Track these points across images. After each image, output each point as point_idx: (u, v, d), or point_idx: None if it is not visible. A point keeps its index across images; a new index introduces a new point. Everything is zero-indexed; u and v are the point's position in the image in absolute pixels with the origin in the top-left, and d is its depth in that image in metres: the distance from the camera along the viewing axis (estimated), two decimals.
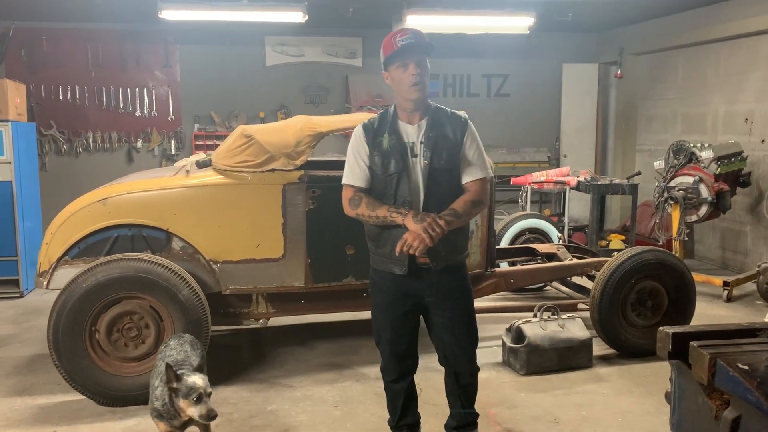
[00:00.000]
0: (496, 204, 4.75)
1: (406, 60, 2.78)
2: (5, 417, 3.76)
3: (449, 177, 2.85)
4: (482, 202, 2.88)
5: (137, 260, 3.81)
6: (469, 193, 2.85)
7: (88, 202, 4.03)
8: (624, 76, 9.03)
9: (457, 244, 2.93)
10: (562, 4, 7.33)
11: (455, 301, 2.95)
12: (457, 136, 2.85)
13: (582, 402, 3.95)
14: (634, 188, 6.85)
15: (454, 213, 2.78)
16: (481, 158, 2.90)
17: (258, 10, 6.84)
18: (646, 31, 8.51)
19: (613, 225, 8.98)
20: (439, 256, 2.81)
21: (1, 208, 6.17)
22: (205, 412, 2.77)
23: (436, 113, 2.90)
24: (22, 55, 8.34)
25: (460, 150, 2.85)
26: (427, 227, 2.67)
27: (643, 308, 4.65)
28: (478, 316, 5.23)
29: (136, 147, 8.73)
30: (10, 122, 6.18)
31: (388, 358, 3.05)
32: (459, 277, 2.98)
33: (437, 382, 4.20)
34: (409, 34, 2.81)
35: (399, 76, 2.81)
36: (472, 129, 2.91)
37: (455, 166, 2.85)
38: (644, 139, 8.93)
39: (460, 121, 2.92)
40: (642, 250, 4.66)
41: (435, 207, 2.79)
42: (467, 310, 3.02)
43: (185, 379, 2.82)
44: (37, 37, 8.35)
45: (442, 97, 9.39)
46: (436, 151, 2.81)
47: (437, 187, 2.82)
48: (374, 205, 2.84)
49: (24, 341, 5.07)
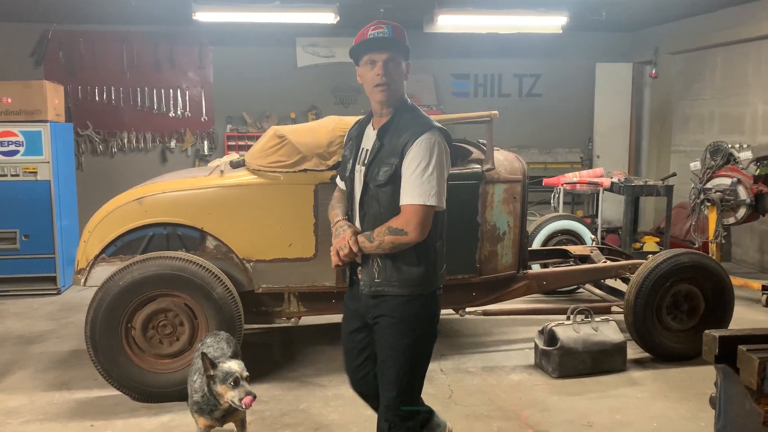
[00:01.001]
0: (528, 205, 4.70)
1: (373, 56, 2.42)
2: (44, 411, 3.84)
3: (387, 194, 2.43)
4: (403, 231, 2.36)
5: (172, 258, 3.87)
6: (394, 219, 2.40)
7: (124, 201, 4.10)
8: (659, 75, 8.88)
9: (400, 276, 2.45)
10: (595, 3, 7.25)
11: (381, 333, 2.52)
12: (398, 150, 2.40)
13: (616, 406, 3.89)
14: (669, 190, 6.73)
15: (369, 235, 2.42)
16: (420, 181, 2.36)
17: (290, 11, 6.89)
18: (682, 30, 8.36)
19: (646, 227, 8.85)
20: (370, 279, 2.49)
21: (39, 207, 6.31)
22: (244, 394, 2.80)
23: (396, 118, 2.47)
24: (60, 57, 8.52)
25: (399, 167, 2.40)
26: (336, 244, 2.47)
27: (679, 312, 4.57)
28: (509, 318, 5.30)
29: (169, 147, 8.86)
30: (48, 123, 6.31)
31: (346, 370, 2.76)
32: (390, 310, 2.47)
33: (469, 383, 4.19)
34: (383, 28, 2.43)
35: (366, 75, 2.46)
36: (420, 144, 2.37)
37: (393, 183, 2.42)
38: (679, 139, 8.77)
39: (413, 130, 2.41)
40: (678, 252, 4.58)
41: (370, 224, 2.46)
42: (393, 348, 2.50)
43: (221, 366, 2.87)
44: (75, 40, 8.53)
45: (472, 97, 9.36)
46: (374, 163, 2.45)
47: (372, 204, 2.47)
48: (331, 208, 2.68)
49: (61, 337, 5.17)
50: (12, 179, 6.24)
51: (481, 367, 4.48)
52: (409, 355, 2.51)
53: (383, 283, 2.46)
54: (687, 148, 8.50)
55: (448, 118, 4.82)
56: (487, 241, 4.39)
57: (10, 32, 8.36)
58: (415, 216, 2.37)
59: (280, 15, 6.97)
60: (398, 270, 2.45)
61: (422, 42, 8.84)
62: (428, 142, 2.38)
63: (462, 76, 9.36)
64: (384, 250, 2.41)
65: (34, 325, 5.49)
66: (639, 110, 9.61)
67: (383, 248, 2.40)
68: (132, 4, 6.83)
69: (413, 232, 2.37)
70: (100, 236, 4.04)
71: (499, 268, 4.49)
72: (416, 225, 2.37)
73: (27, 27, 8.38)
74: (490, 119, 4.44)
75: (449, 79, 9.32)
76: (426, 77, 9.12)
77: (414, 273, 2.46)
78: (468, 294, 4.50)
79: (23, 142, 6.25)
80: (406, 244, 2.39)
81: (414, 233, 2.37)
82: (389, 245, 2.39)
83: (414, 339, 2.50)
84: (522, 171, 4.57)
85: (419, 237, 2.39)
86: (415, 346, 2.52)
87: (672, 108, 8.85)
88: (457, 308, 4.58)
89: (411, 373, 2.54)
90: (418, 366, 2.56)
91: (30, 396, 4.04)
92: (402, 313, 2.47)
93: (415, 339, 2.51)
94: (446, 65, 9.25)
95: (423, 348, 2.56)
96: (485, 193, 4.34)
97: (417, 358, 2.54)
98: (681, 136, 8.74)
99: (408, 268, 2.45)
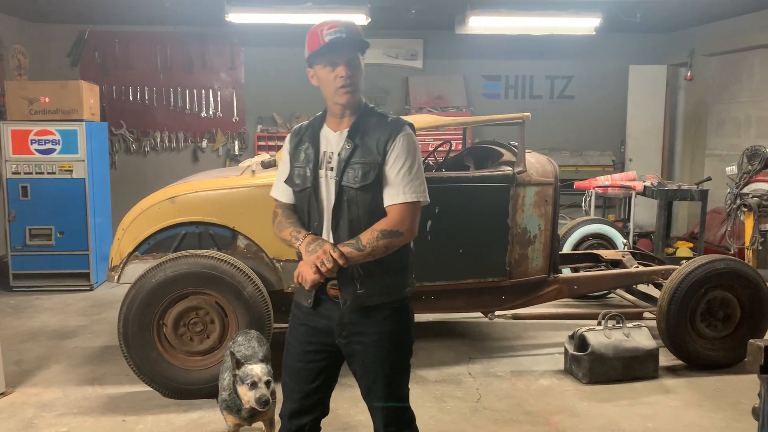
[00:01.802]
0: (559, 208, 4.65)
1: (333, 57, 2.29)
2: (78, 405, 3.91)
3: (366, 198, 2.28)
4: (398, 233, 2.25)
5: (204, 257, 3.91)
6: (384, 221, 2.26)
7: (157, 199, 4.15)
8: (694, 77, 8.73)
9: (385, 283, 2.33)
10: (630, 4, 7.14)
11: (367, 350, 2.34)
12: (380, 149, 2.28)
13: (648, 413, 3.82)
14: (703, 194, 6.60)
15: (357, 245, 2.22)
16: (409, 178, 2.28)
17: (321, 12, 6.91)
18: (718, 31, 8.20)
19: (679, 232, 8.70)
20: (351, 291, 2.29)
21: (74, 205, 6.44)
22: (258, 396, 2.82)
23: (363, 118, 2.35)
24: (96, 57, 8.68)
25: (381, 166, 2.28)
26: (316, 260, 2.20)
27: (714, 319, 4.47)
28: (539, 323, 5.25)
29: (201, 147, 8.96)
30: (84, 122, 6.43)
31: (285, 403, 2.49)
32: (378, 323, 2.33)
33: (497, 388, 4.15)
34: (339, 27, 2.28)
35: (325, 77, 2.33)
36: (401, 141, 2.29)
37: (374, 184, 2.28)
38: (715, 143, 8.60)
39: (391, 129, 2.31)
40: (714, 258, 4.49)
41: (346, 233, 2.28)
42: (383, 362, 2.36)
43: (244, 367, 2.91)
44: (110, 40, 8.68)
45: (503, 99, 9.30)
46: (350, 165, 2.28)
47: (350, 209, 2.29)
48: (282, 226, 2.40)
49: (94, 332, 5.26)
50: (48, 177, 6.38)
51: (510, 371, 4.44)
52: (401, 367, 2.43)
53: (366, 294, 2.30)
54: (722, 152, 8.33)
55: (479, 119, 4.80)
56: (517, 244, 4.36)
57: (48, 33, 8.54)
58: (408, 215, 2.28)
59: (312, 16, 6.99)
60: (381, 278, 2.32)
61: (453, 43, 8.83)
62: (409, 138, 2.31)
63: (493, 78, 9.30)
64: (374, 256, 2.24)
65: (68, 320, 5.60)
66: (673, 113, 9.45)
67: (375, 254, 2.24)
68: (166, 5, 6.92)
69: (408, 232, 2.29)
70: (133, 234, 4.10)
71: (530, 271, 4.44)
72: (411, 224, 2.29)
73: (64, 28, 8.56)
74: (522, 121, 4.40)
75: (480, 80, 9.27)
76: (456, 78, 9.08)
77: (398, 278, 2.37)
78: (497, 297, 4.47)
79: (60, 141, 6.38)
80: (399, 246, 2.29)
81: (408, 233, 2.29)
82: (382, 250, 2.25)
83: (402, 351, 2.42)
84: (554, 174, 4.52)
85: (412, 237, 2.32)
86: (404, 357, 2.44)
87: (707, 111, 8.68)
88: (486, 312, 4.55)
89: (402, 385, 2.47)
90: (406, 377, 2.49)
91: (64, 390, 4.12)
92: (389, 326, 2.35)
93: (404, 350, 2.43)
94: (477, 66, 9.21)
95: (409, 357, 2.48)
96: (516, 196, 4.30)
97: (406, 369, 2.47)
98: (716, 139, 8.57)
99: (391, 273, 2.35)
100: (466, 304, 4.51)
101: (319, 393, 2.46)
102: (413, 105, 8.75)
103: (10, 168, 6.35)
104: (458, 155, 5.16)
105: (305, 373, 2.42)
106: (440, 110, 8.51)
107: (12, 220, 6.39)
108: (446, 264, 4.29)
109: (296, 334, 2.44)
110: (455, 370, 4.43)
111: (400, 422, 2.46)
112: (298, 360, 2.43)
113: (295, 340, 2.44)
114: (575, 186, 7.37)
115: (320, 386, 2.45)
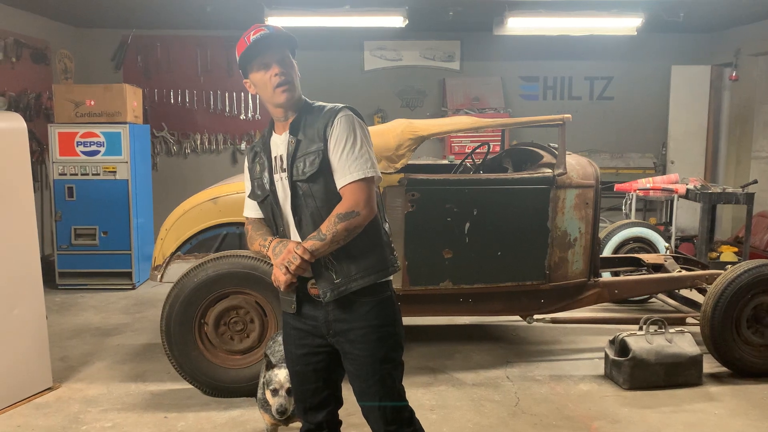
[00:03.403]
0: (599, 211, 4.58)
1: (264, 58, 2.30)
2: (121, 401, 4.00)
3: (319, 188, 2.28)
4: (354, 213, 2.22)
5: (245, 257, 3.95)
6: (339, 205, 2.24)
7: (200, 200, 4.22)
8: (740, 78, 8.50)
9: (360, 266, 2.29)
10: (673, 4, 7.00)
11: (354, 346, 2.33)
12: (320, 135, 2.28)
13: (691, 421, 3.74)
14: (749, 198, 6.43)
15: (318, 235, 2.22)
16: (353, 155, 2.26)
17: (359, 15, 6.95)
18: (766, 30, 7.98)
19: (723, 236, 8.48)
20: (329, 284, 2.29)
21: (118, 205, 6.59)
22: (276, 406, 2.82)
23: (303, 114, 2.36)
24: (138, 61, 8.86)
25: (325, 152, 2.28)
26: (282, 261, 2.23)
27: (761, 325, 4.35)
28: (578, 327, 5.18)
29: (240, 149, 9.08)
30: (128, 124, 6.58)
31: (297, 403, 2.58)
32: (361, 317, 2.31)
33: (536, 392, 4.11)
34: (263, 29, 2.32)
35: (261, 80, 2.31)
36: (339, 123, 2.29)
37: (322, 172, 2.27)
38: (761, 145, 8.37)
39: (328, 115, 2.32)
40: (761, 263, 4.36)
41: (310, 227, 2.28)
42: (373, 357, 2.33)
43: (272, 371, 2.90)
44: (152, 44, 8.86)
45: (541, 101, 9.21)
46: (296, 159, 2.29)
47: (307, 203, 2.29)
48: (252, 239, 2.43)
49: (136, 330, 5.37)
50: (93, 178, 6.54)
51: (549, 375, 4.39)
52: (389, 362, 2.38)
53: (344, 281, 2.28)
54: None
55: (519, 121, 4.76)
56: (557, 247, 4.31)
57: (93, 38, 8.76)
58: (362, 192, 2.25)
59: (350, 19, 7.04)
60: (355, 261, 2.29)
61: (490, 44, 8.77)
62: (347, 119, 2.30)
63: (531, 79, 9.21)
64: (338, 242, 2.22)
65: (111, 318, 5.73)
66: (717, 114, 9.22)
67: (337, 240, 2.22)
68: (207, 9, 7.04)
69: (364, 209, 2.24)
70: (176, 234, 4.18)
71: (570, 275, 4.39)
72: (365, 201, 2.25)
73: (108, 33, 8.76)
74: (562, 122, 4.35)
75: (517, 81, 9.20)
76: (494, 80, 9.02)
77: (371, 258, 2.32)
78: (536, 301, 4.43)
79: (104, 143, 6.53)
80: (360, 226, 2.25)
81: (366, 210, 2.25)
82: (344, 234, 2.22)
83: (391, 344, 2.37)
84: (595, 176, 4.46)
85: (371, 213, 2.27)
86: (394, 350, 2.40)
87: (753, 112, 8.45)
88: (525, 315, 4.51)
89: (396, 380, 2.42)
90: (399, 372, 2.45)
91: (108, 386, 4.22)
92: (373, 319, 2.32)
93: (392, 343, 2.38)
94: (514, 68, 9.13)
95: (399, 350, 2.43)
96: (556, 198, 4.26)
97: (399, 363, 2.43)
98: (763, 141, 8.33)
99: (364, 255, 2.31)
100: (504, 307, 4.48)
101: (326, 390, 2.48)
102: (450, 107, 8.72)
103: (57, 169, 6.53)
104: (496, 157, 5.13)
105: (306, 376, 2.46)
106: (477, 112, 8.47)
107: (58, 220, 6.57)
108: (484, 266, 4.27)
109: (289, 339, 2.48)
110: (493, 374, 4.40)
111: (399, 421, 2.42)
112: (296, 364, 2.47)
113: (290, 345, 2.48)
114: (615, 189, 7.25)
115: (324, 384, 2.47)
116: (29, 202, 4.06)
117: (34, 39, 7.44)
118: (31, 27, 7.42)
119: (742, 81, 8.52)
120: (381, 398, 2.38)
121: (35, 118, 7.26)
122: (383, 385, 2.37)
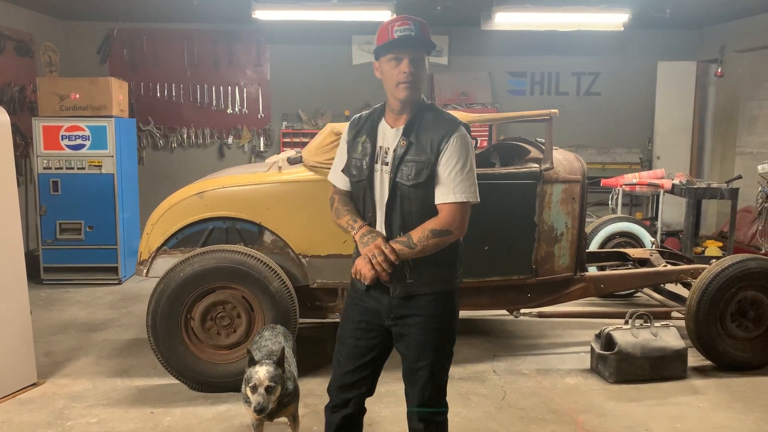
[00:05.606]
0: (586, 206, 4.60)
1: (400, 54, 2.37)
2: (107, 396, 3.97)
3: (418, 195, 2.38)
4: (448, 231, 2.34)
5: (231, 252, 3.94)
6: (434, 220, 2.36)
7: (186, 195, 4.19)
8: (725, 74, 8.57)
9: (434, 275, 2.43)
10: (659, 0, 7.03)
11: (411, 331, 2.46)
12: (433, 147, 2.35)
13: (676, 414, 3.77)
14: (734, 193, 6.49)
15: (408, 242, 2.34)
16: (460, 178, 2.36)
17: (347, 9, 6.92)
18: (751, 27, 8.04)
19: (708, 231, 8.56)
20: (401, 281, 2.41)
21: (103, 200, 6.53)
22: (254, 404, 2.80)
23: (419, 115, 2.41)
24: (124, 54, 8.78)
25: (434, 165, 2.36)
26: (368, 253, 2.34)
27: (744, 319, 4.40)
28: (564, 321, 5.20)
29: (227, 143, 9.03)
30: (113, 118, 6.51)
31: (334, 376, 2.63)
32: (422, 306, 2.44)
33: (523, 386, 4.14)
34: (410, 25, 2.36)
35: (389, 71, 2.39)
36: (455, 141, 2.35)
37: (426, 183, 2.37)
38: (746, 141, 8.44)
39: (445, 128, 2.38)
40: (745, 257, 4.41)
41: (399, 226, 2.39)
42: (427, 344, 2.46)
43: (254, 368, 2.87)
44: (138, 38, 8.78)
45: (528, 96, 9.23)
46: (404, 162, 2.37)
47: (403, 205, 2.39)
48: (339, 213, 2.54)
49: (122, 325, 5.34)
50: (78, 172, 6.48)
51: (535, 369, 4.42)
52: (440, 352, 2.49)
53: (415, 283, 2.42)
54: (754, 150, 8.18)
55: (506, 116, 4.76)
56: (544, 241, 4.33)
57: (78, 31, 8.67)
58: (459, 214, 2.37)
59: (338, 13, 7.01)
60: (430, 269, 2.43)
61: (478, 39, 8.78)
62: (463, 139, 2.38)
63: (518, 74, 9.23)
64: (425, 253, 2.36)
65: (97, 313, 5.69)
66: (702, 110, 9.29)
67: (425, 252, 2.35)
68: (194, 2, 6.98)
69: (457, 231, 2.38)
70: (162, 229, 4.15)
71: (556, 269, 4.41)
72: (460, 223, 2.38)
73: (93, 25, 8.67)
74: (549, 118, 4.36)
75: (505, 76, 9.21)
76: (482, 75, 9.04)
77: (447, 270, 2.47)
78: (523, 295, 4.45)
79: (89, 137, 6.47)
80: (448, 243, 2.39)
81: (458, 232, 2.39)
82: (433, 248, 2.35)
83: (445, 336, 2.50)
84: (581, 171, 4.48)
85: (461, 235, 2.42)
86: (447, 343, 2.52)
87: (738, 108, 8.52)
88: (512, 309, 4.53)
89: (443, 370, 2.53)
90: (448, 363, 2.55)
91: (93, 381, 4.19)
92: (433, 310, 2.45)
93: (447, 336, 2.50)
94: (502, 63, 9.14)
95: (452, 345, 2.55)
96: (543, 193, 4.27)
97: (448, 355, 2.54)
98: (747, 137, 8.41)
99: (440, 266, 2.45)
100: (491, 302, 4.49)
101: (367, 369, 2.57)
102: (438, 101, 8.72)
103: (41, 163, 6.46)
104: (484, 152, 5.14)
105: (356, 350, 2.55)
106: (465, 107, 8.47)
107: (43, 215, 6.50)
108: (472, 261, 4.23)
109: (350, 313, 2.59)
110: (480, 368, 4.42)
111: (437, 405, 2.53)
112: (349, 336, 2.56)
113: (349, 318, 2.59)
114: (602, 184, 7.30)
115: (368, 363, 2.56)
116: (13, 196, 4.01)
117: (19, 31, 7.35)
118: (15, 19, 7.33)
119: (727, 77, 8.58)
120: (426, 385, 2.48)
121: (19, 111, 7.18)
122: (431, 370, 2.48)
